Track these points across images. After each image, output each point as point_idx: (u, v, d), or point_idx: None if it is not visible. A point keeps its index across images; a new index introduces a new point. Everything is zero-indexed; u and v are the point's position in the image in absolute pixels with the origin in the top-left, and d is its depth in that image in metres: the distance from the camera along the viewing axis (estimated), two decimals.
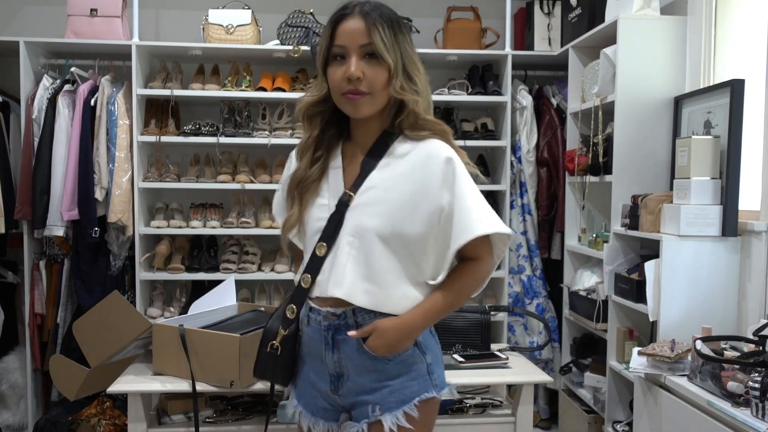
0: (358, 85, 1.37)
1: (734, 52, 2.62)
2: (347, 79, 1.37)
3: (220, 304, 2.42)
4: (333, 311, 1.44)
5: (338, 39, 1.39)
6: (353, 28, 1.38)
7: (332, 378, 1.47)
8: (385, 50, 1.38)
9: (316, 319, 1.47)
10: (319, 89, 1.46)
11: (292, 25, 3.36)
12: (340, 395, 1.47)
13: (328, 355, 1.46)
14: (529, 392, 2.16)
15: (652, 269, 2.43)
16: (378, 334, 1.40)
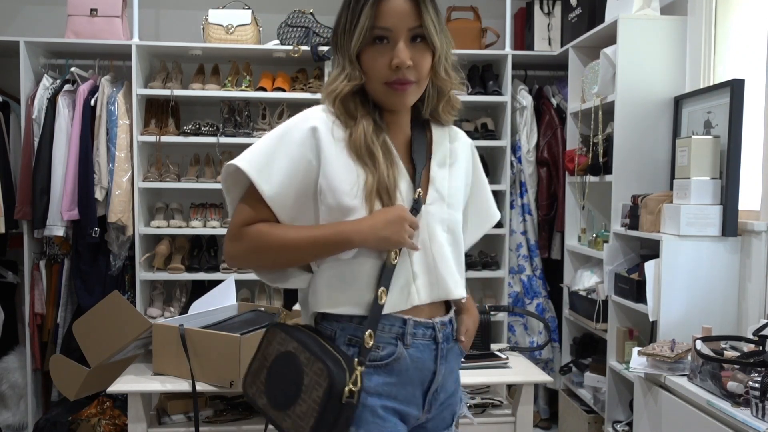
0: (407, 74, 1.22)
1: (734, 52, 2.62)
2: (395, 67, 1.20)
3: (220, 304, 2.42)
4: (443, 320, 1.28)
5: (382, 20, 1.19)
6: (402, 8, 1.19)
7: (429, 397, 1.27)
8: (435, 34, 1.25)
9: (424, 334, 1.24)
10: (352, 77, 1.22)
11: (292, 25, 3.36)
12: (429, 413, 1.29)
13: (440, 371, 1.27)
14: (529, 392, 2.16)
15: (652, 269, 2.43)
16: (469, 333, 1.35)
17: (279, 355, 1.22)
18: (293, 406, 1.16)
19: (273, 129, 1.27)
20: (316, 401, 1.13)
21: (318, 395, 1.12)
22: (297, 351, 1.18)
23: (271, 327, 1.27)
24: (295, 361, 1.18)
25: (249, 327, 2.06)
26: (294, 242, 1.20)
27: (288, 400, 1.17)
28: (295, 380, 1.16)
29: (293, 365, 1.18)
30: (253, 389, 1.26)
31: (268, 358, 1.25)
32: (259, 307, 2.39)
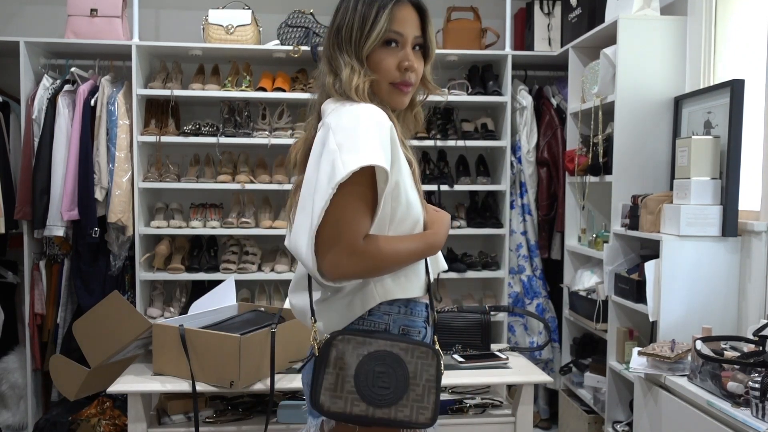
0: (411, 77, 1.32)
1: (734, 52, 2.62)
2: (404, 69, 1.30)
3: (220, 304, 2.42)
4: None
5: (397, 25, 1.29)
6: (410, 17, 1.31)
7: None
8: (433, 44, 1.35)
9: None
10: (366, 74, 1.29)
11: (292, 25, 3.37)
12: None
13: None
14: (529, 392, 2.16)
15: (652, 269, 2.43)
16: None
17: (364, 358, 1.25)
18: (406, 394, 1.25)
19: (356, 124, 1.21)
20: (430, 380, 1.26)
21: (431, 374, 1.26)
22: (387, 347, 1.26)
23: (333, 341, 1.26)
24: (388, 357, 1.25)
25: (249, 327, 2.06)
26: (406, 256, 1.28)
27: (398, 393, 1.25)
28: (398, 372, 1.25)
29: (389, 361, 1.25)
30: (339, 403, 1.25)
31: (347, 368, 1.25)
32: (259, 307, 2.39)
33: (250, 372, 1.97)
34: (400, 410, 1.24)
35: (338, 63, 1.31)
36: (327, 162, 1.19)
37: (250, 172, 3.42)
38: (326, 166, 1.18)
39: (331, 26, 1.34)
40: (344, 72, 1.29)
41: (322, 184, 1.18)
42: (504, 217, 3.50)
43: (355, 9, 1.29)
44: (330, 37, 1.34)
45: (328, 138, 1.21)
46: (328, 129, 1.23)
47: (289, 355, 2.07)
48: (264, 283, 3.55)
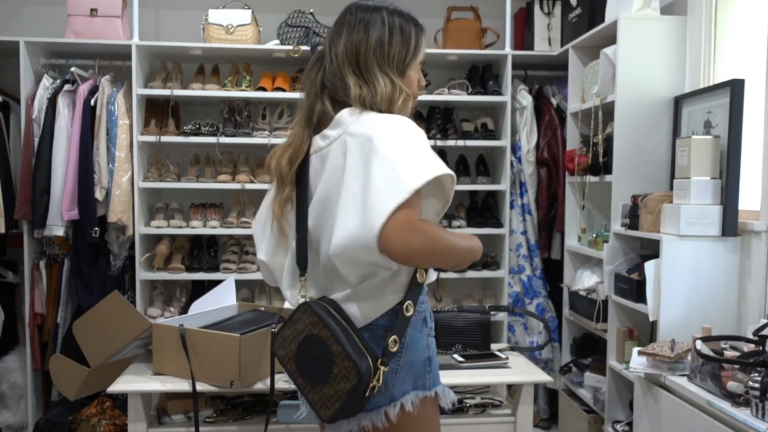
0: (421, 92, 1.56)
1: (734, 52, 2.62)
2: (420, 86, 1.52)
3: (220, 304, 2.41)
4: None
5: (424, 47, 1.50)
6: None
7: None
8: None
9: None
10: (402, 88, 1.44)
11: (292, 25, 3.36)
12: None
13: None
14: (529, 392, 2.16)
15: (652, 269, 2.43)
16: None
17: (310, 335, 1.36)
18: (321, 386, 1.35)
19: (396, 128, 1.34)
20: (343, 391, 1.32)
21: (346, 387, 1.31)
22: (329, 340, 1.34)
23: (306, 305, 1.39)
24: (325, 348, 1.34)
25: (249, 327, 2.06)
26: (461, 248, 1.36)
27: (316, 380, 1.36)
28: (325, 365, 1.34)
29: (324, 351, 1.34)
30: (282, 352, 1.42)
31: (299, 332, 1.39)
32: (259, 307, 2.39)
33: (250, 372, 1.97)
34: (312, 393, 1.37)
35: (374, 76, 1.40)
36: (383, 168, 1.27)
37: (250, 171, 3.42)
38: (384, 172, 1.26)
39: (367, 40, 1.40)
40: (381, 87, 1.39)
41: (381, 189, 1.25)
42: (504, 217, 3.50)
43: (394, 28, 1.42)
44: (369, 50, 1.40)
45: (375, 147, 1.29)
46: (369, 138, 1.30)
47: None
48: (264, 283, 3.54)
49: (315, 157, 1.44)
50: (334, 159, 1.37)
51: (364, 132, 1.33)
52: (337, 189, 1.34)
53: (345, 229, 1.28)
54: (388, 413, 1.37)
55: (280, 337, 1.43)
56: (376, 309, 1.39)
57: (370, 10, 1.43)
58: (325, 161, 1.41)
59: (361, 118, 1.36)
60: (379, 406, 1.38)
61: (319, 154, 1.43)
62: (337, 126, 1.40)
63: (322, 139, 1.43)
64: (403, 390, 1.39)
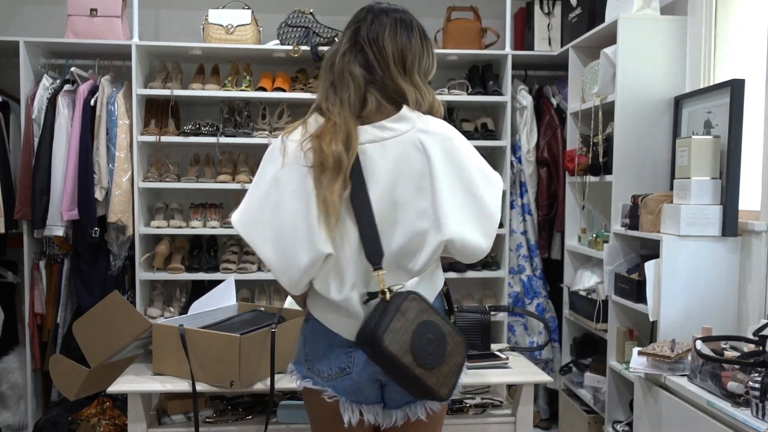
0: None
1: (734, 52, 2.62)
2: None
3: (220, 304, 2.41)
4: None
5: None
6: None
7: None
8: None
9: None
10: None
11: (292, 25, 3.36)
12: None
13: None
14: (529, 392, 2.16)
15: (652, 269, 2.43)
16: None
17: (423, 322, 1.40)
18: (440, 367, 1.41)
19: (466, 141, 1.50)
20: (457, 365, 1.44)
21: (459, 361, 1.45)
22: (439, 322, 1.43)
23: (411, 293, 1.41)
24: (438, 331, 1.41)
25: (249, 327, 2.06)
26: None
27: (435, 362, 1.40)
28: (440, 346, 1.41)
29: (438, 333, 1.41)
30: (396, 347, 1.36)
31: (411, 322, 1.39)
32: (259, 307, 2.39)
33: (250, 372, 1.97)
34: (431, 377, 1.39)
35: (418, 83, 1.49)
36: (475, 169, 1.46)
37: (250, 172, 3.42)
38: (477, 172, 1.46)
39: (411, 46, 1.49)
40: (429, 96, 1.50)
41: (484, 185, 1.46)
42: (504, 217, 3.50)
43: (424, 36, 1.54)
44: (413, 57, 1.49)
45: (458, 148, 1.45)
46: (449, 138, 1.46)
47: (289, 354, 2.07)
48: (264, 283, 3.55)
49: (371, 147, 1.42)
50: (403, 151, 1.42)
51: (441, 131, 1.45)
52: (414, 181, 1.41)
53: (460, 219, 1.41)
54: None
55: (390, 332, 1.34)
56: (432, 294, 1.51)
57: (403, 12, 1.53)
58: (386, 152, 1.41)
59: (424, 118, 1.47)
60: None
61: (377, 144, 1.42)
62: (401, 121, 1.44)
63: (379, 130, 1.43)
64: None
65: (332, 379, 1.48)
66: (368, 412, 1.49)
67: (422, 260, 1.43)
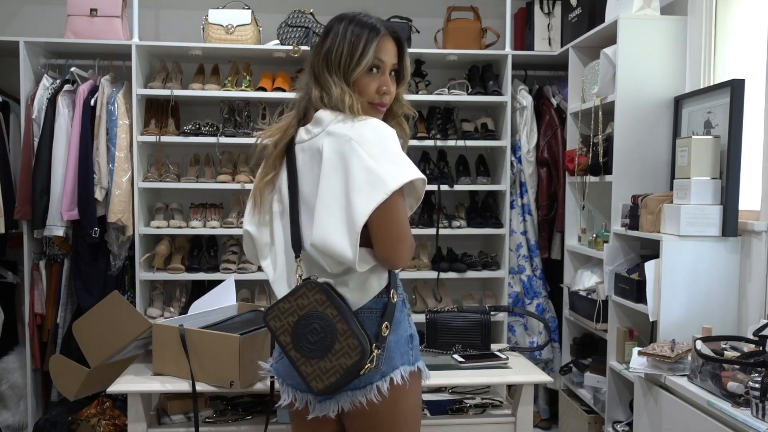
0: (386, 99, 1.53)
1: (734, 52, 2.62)
2: (381, 93, 1.52)
3: (220, 304, 2.41)
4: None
5: (381, 54, 1.50)
6: (390, 48, 1.52)
7: None
8: (407, 71, 1.57)
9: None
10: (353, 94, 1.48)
11: (292, 25, 3.36)
12: None
13: None
14: (529, 392, 2.16)
15: (652, 269, 2.43)
16: None
17: (315, 312, 1.43)
18: (318, 359, 1.42)
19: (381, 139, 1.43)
20: (342, 366, 1.41)
21: (346, 363, 1.40)
22: (335, 318, 1.42)
23: (313, 282, 1.45)
24: (330, 326, 1.42)
25: (249, 327, 2.06)
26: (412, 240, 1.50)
27: (313, 353, 1.42)
28: (326, 341, 1.41)
29: (328, 328, 1.42)
30: (277, 324, 1.47)
31: (302, 308, 1.44)
32: (259, 307, 2.39)
33: (250, 372, 1.97)
34: (306, 365, 1.43)
35: (327, 82, 1.49)
36: (362, 170, 1.37)
37: (250, 172, 3.42)
38: (362, 174, 1.37)
39: (320, 47, 1.52)
40: (335, 91, 1.47)
41: (363, 189, 1.36)
42: (504, 217, 3.50)
43: (345, 37, 1.48)
44: (319, 57, 1.51)
45: (354, 148, 1.39)
46: (349, 140, 1.40)
47: None
48: (264, 283, 3.55)
49: (298, 148, 1.54)
50: (312, 155, 1.49)
51: (343, 132, 1.43)
52: (314, 183, 1.45)
53: (327, 224, 1.40)
54: (380, 387, 1.46)
55: (276, 310, 1.47)
56: (363, 297, 1.48)
57: (337, 20, 1.53)
58: (305, 154, 1.51)
59: (340, 119, 1.46)
60: (372, 382, 1.47)
61: (301, 146, 1.53)
62: (317, 124, 1.49)
63: (305, 133, 1.52)
64: (392, 366, 1.48)
65: (277, 360, 1.60)
66: (300, 399, 1.55)
67: (322, 262, 1.46)
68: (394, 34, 1.53)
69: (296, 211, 1.52)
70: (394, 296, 1.50)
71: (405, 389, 1.49)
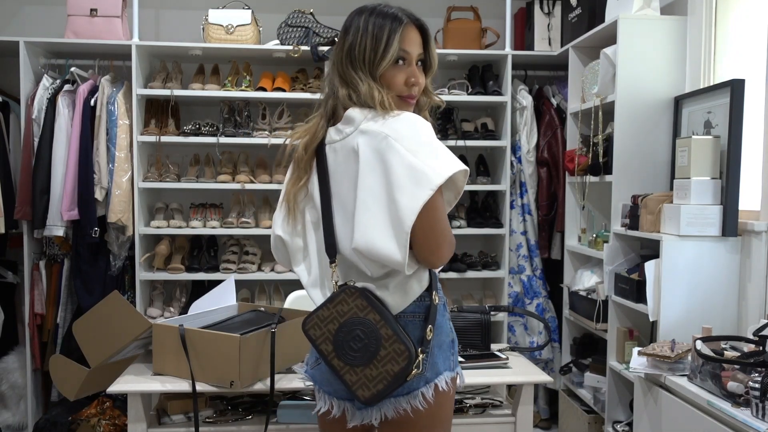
0: (415, 90, 1.48)
1: (734, 52, 2.62)
2: (410, 84, 1.46)
3: (220, 304, 2.41)
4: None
5: (405, 45, 1.45)
6: (415, 37, 1.47)
7: None
8: (435, 60, 1.51)
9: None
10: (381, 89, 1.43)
11: (292, 25, 3.36)
12: None
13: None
14: (529, 392, 2.16)
15: (652, 269, 2.43)
16: None
17: (356, 318, 1.39)
18: (363, 367, 1.38)
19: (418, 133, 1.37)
20: (389, 373, 1.36)
21: (393, 369, 1.35)
22: (378, 324, 1.37)
23: (352, 288, 1.40)
24: (374, 331, 1.37)
25: (249, 327, 2.06)
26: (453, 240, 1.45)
27: (357, 360, 1.38)
28: (371, 347, 1.37)
29: (372, 334, 1.37)
30: (317, 332, 1.42)
31: (342, 314, 1.40)
32: (259, 307, 2.39)
33: (250, 372, 1.97)
34: (351, 374, 1.39)
35: (353, 79, 1.44)
36: (402, 167, 1.32)
37: (250, 172, 3.42)
38: (404, 171, 1.31)
39: (342, 44, 1.46)
40: (362, 87, 1.42)
41: (406, 186, 1.31)
42: (504, 217, 3.50)
43: (366, 30, 1.43)
44: (342, 54, 1.46)
45: (392, 145, 1.34)
46: (385, 137, 1.35)
47: (289, 355, 2.07)
48: (264, 283, 3.55)
49: (329, 149, 1.48)
50: (345, 155, 1.43)
51: (378, 130, 1.37)
52: (352, 184, 1.39)
53: (371, 226, 1.34)
54: (425, 394, 1.42)
55: (316, 318, 1.42)
56: (405, 300, 1.43)
57: (357, 14, 1.48)
58: (337, 155, 1.46)
59: (372, 116, 1.41)
60: (416, 389, 1.42)
61: (332, 146, 1.47)
62: (349, 123, 1.44)
63: (336, 133, 1.47)
64: (436, 371, 1.44)
65: (313, 366, 1.55)
66: (338, 406, 1.50)
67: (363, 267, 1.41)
68: (417, 22, 1.48)
69: (329, 214, 1.46)
70: (435, 298, 1.45)
71: (447, 395, 1.45)
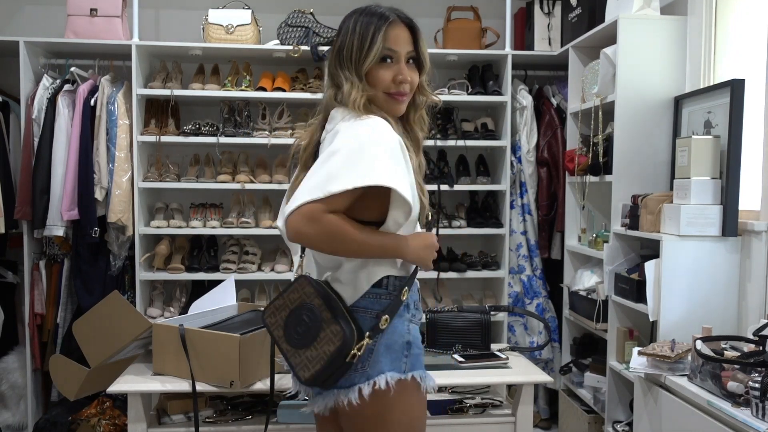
0: (405, 88, 1.49)
1: (734, 52, 2.62)
2: (398, 82, 1.48)
3: (220, 304, 2.42)
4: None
5: (391, 43, 1.47)
6: (403, 35, 1.49)
7: None
8: (426, 57, 1.53)
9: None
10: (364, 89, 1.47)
11: (292, 25, 3.36)
12: None
13: None
14: (529, 392, 2.16)
15: (652, 269, 2.43)
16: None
17: (303, 304, 1.44)
18: (305, 349, 1.42)
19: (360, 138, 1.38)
20: (326, 353, 1.39)
21: (329, 349, 1.39)
22: (320, 308, 1.42)
23: (302, 277, 1.47)
24: (315, 315, 1.42)
25: (249, 327, 2.06)
26: (366, 243, 1.41)
27: (301, 343, 1.43)
28: (312, 330, 1.42)
29: (314, 317, 1.42)
30: (272, 320, 1.50)
31: (291, 302, 1.47)
32: (259, 307, 2.39)
33: (250, 372, 1.97)
34: (295, 356, 1.44)
35: (340, 78, 1.49)
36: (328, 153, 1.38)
37: (250, 171, 3.42)
38: (324, 157, 1.38)
39: (334, 46, 1.52)
40: (345, 86, 1.47)
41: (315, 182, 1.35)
42: (504, 217, 3.50)
43: (354, 31, 1.47)
44: (333, 56, 1.52)
45: (334, 144, 1.39)
46: (336, 134, 1.41)
47: None
48: (264, 283, 3.55)
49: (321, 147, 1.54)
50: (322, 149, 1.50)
51: (337, 129, 1.43)
52: None
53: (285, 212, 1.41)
54: (362, 390, 1.41)
55: (272, 306, 1.50)
56: (355, 293, 1.46)
57: (349, 15, 1.52)
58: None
59: (346, 116, 1.45)
60: (354, 384, 1.43)
61: (322, 145, 1.53)
62: (330, 122, 1.51)
63: (325, 132, 1.54)
64: (379, 370, 1.43)
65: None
66: (304, 390, 1.57)
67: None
68: (405, 20, 1.50)
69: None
70: (404, 295, 1.48)
71: (390, 397, 1.43)
